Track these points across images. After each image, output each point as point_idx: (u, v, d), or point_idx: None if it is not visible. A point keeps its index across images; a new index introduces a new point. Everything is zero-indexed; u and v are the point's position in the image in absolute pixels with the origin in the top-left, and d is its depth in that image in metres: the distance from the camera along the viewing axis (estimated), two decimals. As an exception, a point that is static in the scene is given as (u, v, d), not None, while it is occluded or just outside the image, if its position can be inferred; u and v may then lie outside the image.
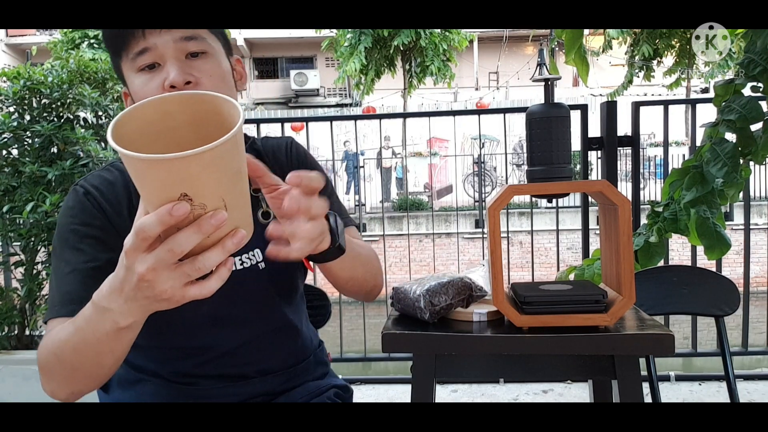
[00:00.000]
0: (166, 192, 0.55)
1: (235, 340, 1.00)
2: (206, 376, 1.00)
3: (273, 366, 1.03)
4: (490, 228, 1.12)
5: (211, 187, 0.56)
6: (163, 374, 1.00)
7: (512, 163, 12.34)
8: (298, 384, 1.06)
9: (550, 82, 1.23)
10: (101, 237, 0.91)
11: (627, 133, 2.76)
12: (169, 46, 0.88)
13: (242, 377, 1.01)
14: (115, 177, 0.97)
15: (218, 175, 0.56)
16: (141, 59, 0.88)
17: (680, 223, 1.83)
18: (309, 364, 1.09)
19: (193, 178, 0.54)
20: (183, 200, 0.55)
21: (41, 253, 2.29)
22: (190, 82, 0.88)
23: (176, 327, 0.96)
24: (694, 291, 1.56)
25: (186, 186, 0.55)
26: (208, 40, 0.91)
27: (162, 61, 0.88)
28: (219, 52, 0.94)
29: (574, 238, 8.94)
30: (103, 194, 0.94)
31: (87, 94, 2.26)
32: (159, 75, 0.88)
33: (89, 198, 0.93)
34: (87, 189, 0.94)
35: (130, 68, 0.91)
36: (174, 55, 0.88)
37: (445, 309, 1.15)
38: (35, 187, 2.16)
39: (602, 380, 1.39)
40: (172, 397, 0.99)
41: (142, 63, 0.89)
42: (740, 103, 1.68)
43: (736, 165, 1.68)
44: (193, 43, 0.89)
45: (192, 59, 0.90)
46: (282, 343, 1.05)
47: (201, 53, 0.90)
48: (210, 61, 0.91)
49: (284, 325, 1.05)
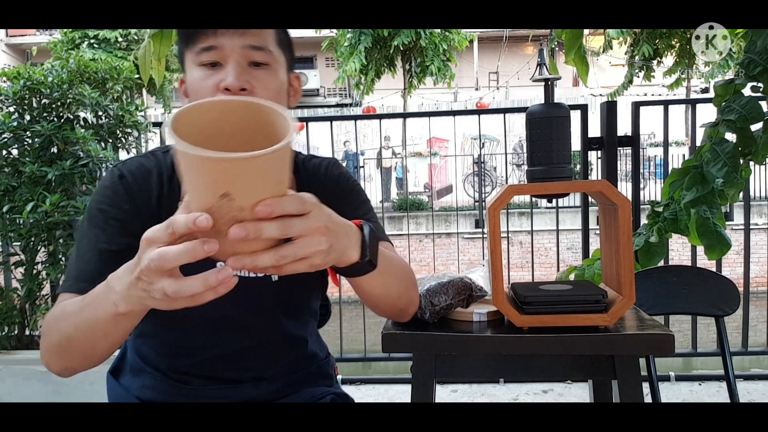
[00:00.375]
0: (210, 189, 0.57)
1: (233, 346, 1.00)
2: (201, 376, 1.00)
3: (269, 374, 1.03)
4: (490, 228, 1.12)
5: (252, 192, 0.58)
6: (162, 368, 1.01)
7: (512, 163, 12.34)
8: (293, 392, 1.05)
9: (550, 82, 1.23)
10: (125, 221, 0.92)
11: (627, 133, 2.76)
12: (235, 50, 0.89)
13: (236, 381, 1.01)
14: (152, 165, 0.98)
15: (261, 183, 0.58)
16: (205, 55, 0.90)
17: (680, 223, 1.83)
18: (309, 375, 1.08)
19: (237, 180, 0.57)
20: (223, 200, 0.57)
21: (41, 253, 2.29)
22: (245, 89, 0.89)
23: (178, 324, 0.97)
24: (694, 291, 1.56)
25: (229, 186, 0.57)
26: (273, 53, 0.93)
27: (224, 62, 0.90)
28: (281, 66, 0.95)
29: (574, 238, 8.94)
30: (137, 180, 0.95)
31: (87, 94, 2.26)
32: (217, 74, 0.90)
33: (123, 182, 0.95)
34: (122, 173, 0.95)
35: (192, 60, 0.92)
36: (237, 59, 0.89)
37: (445, 309, 1.15)
38: (35, 187, 2.17)
39: (602, 380, 1.39)
40: (168, 394, 1.00)
41: (205, 59, 0.90)
42: (740, 103, 1.68)
43: (736, 165, 1.68)
44: (258, 53, 0.91)
45: (253, 68, 0.91)
46: (281, 354, 1.04)
47: (263, 64, 0.92)
48: (269, 74, 0.92)
49: (287, 338, 1.04)
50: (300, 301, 1.06)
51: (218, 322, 0.98)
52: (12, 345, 2.27)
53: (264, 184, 0.59)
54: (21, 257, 2.29)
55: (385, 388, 2.75)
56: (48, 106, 2.27)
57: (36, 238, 2.22)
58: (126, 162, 0.99)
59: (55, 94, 2.23)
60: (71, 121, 2.27)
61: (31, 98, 2.26)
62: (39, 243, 2.25)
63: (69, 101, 2.26)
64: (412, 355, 1.15)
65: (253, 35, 0.90)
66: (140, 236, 0.61)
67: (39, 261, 2.29)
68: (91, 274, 0.87)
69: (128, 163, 0.98)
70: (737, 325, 2.77)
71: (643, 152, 9.25)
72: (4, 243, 2.38)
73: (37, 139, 2.24)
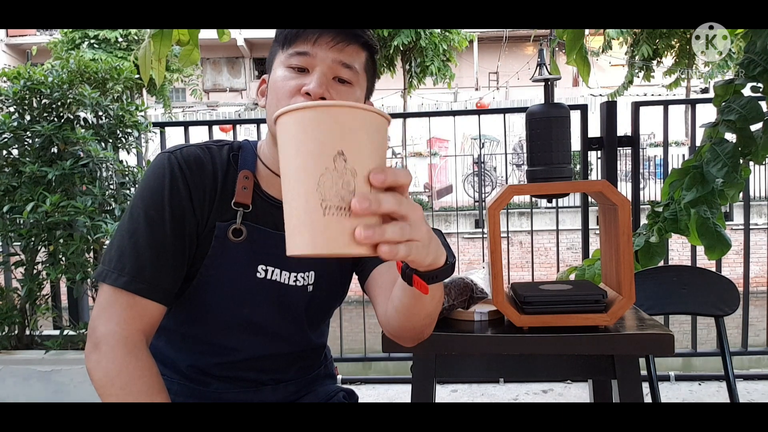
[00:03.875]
0: (327, 146, 0.56)
1: (262, 350, 1.01)
2: (221, 377, 1.00)
3: (288, 376, 1.06)
4: (490, 228, 1.12)
5: (365, 154, 0.57)
6: (180, 367, 1.01)
7: (512, 163, 12.33)
8: (308, 392, 1.09)
9: (550, 83, 1.23)
10: (183, 220, 0.91)
11: (627, 134, 2.76)
12: (326, 62, 0.90)
13: (257, 383, 1.02)
14: (206, 159, 0.96)
15: (373, 146, 0.58)
16: (296, 59, 0.90)
17: (680, 223, 1.83)
18: (319, 375, 1.12)
19: (352, 134, 0.56)
20: (338, 160, 0.56)
21: (41, 253, 2.29)
22: (324, 98, 0.89)
23: (210, 321, 0.97)
24: (694, 291, 1.56)
25: (345, 143, 0.56)
26: (359, 75, 0.94)
27: (311, 69, 0.90)
28: (360, 89, 0.95)
29: (574, 238, 8.94)
30: (193, 174, 0.93)
31: (87, 95, 2.26)
32: (302, 79, 0.90)
33: (182, 174, 0.92)
34: (180, 163, 0.93)
35: (282, 60, 0.92)
36: (324, 70, 0.90)
37: (447, 310, 1.15)
38: (35, 187, 2.16)
39: (602, 380, 1.39)
40: (185, 396, 1.00)
41: (295, 62, 0.90)
42: (740, 103, 1.68)
43: (736, 165, 1.68)
44: (345, 70, 0.91)
45: (337, 83, 0.91)
46: (301, 359, 1.07)
47: (347, 82, 0.92)
48: (350, 92, 0.93)
49: (309, 345, 1.07)
50: (326, 312, 1.08)
51: (256, 325, 0.98)
52: (12, 345, 2.27)
53: (376, 149, 0.58)
54: (21, 257, 2.29)
55: (385, 388, 2.75)
56: (48, 106, 2.27)
57: (36, 238, 2.22)
58: (182, 150, 0.95)
59: (56, 94, 2.23)
60: (71, 122, 2.27)
61: (31, 98, 2.26)
62: (39, 243, 2.25)
63: (69, 101, 2.26)
64: (412, 355, 1.15)
65: (348, 54, 0.91)
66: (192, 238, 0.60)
67: (39, 261, 2.29)
68: (149, 273, 0.87)
69: (184, 152, 0.94)
70: (737, 325, 2.77)
71: (642, 152, 9.25)
72: (4, 243, 2.38)
73: (38, 139, 2.24)
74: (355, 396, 1.17)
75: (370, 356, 3.04)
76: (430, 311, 0.87)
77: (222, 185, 0.95)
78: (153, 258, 0.88)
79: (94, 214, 2.12)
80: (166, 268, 0.89)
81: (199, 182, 0.93)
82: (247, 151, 1.00)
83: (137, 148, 2.53)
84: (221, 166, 0.96)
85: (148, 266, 0.87)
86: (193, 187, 0.92)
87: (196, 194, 0.93)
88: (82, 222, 2.11)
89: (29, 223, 2.15)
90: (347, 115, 0.56)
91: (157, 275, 0.88)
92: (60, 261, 2.23)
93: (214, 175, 0.95)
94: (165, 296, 0.89)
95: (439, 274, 0.73)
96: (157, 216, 0.90)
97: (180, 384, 1.00)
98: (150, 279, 0.87)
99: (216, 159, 0.96)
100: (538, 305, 1.10)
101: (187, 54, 1.97)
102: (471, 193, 11.49)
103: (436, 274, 0.73)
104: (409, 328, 0.91)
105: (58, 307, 2.66)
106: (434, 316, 0.91)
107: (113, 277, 0.87)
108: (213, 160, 0.96)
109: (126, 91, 2.49)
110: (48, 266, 2.23)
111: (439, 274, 0.73)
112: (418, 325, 0.91)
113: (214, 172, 0.95)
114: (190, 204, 0.92)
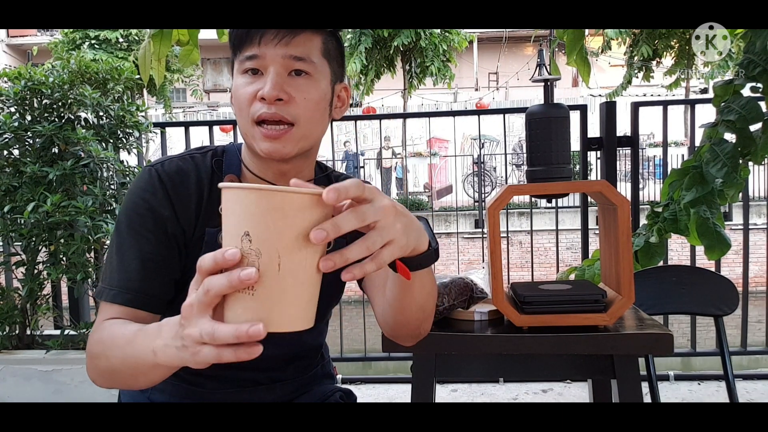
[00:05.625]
0: (235, 227, 0.58)
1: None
2: (216, 377, 1.00)
3: (284, 376, 1.06)
4: (489, 228, 1.12)
5: (270, 236, 0.57)
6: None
7: (512, 163, 12.33)
8: (304, 392, 1.09)
9: (550, 83, 1.23)
10: (167, 230, 0.91)
11: (626, 134, 2.76)
12: (276, 59, 0.89)
13: (253, 383, 1.02)
14: (189, 168, 0.96)
15: (281, 227, 0.57)
16: (248, 63, 0.90)
17: (680, 223, 1.83)
18: (316, 375, 1.12)
19: (256, 217, 0.57)
20: (244, 240, 0.57)
21: (42, 253, 2.29)
22: (281, 99, 0.88)
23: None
24: (694, 291, 1.56)
25: (250, 224, 0.57)
26: (316, 63, 0.92)
27: (265, 71, 0.90)
28: (323, 76, 0.93)
29: (573, 238, 8.93)
30: (175, 185, 0.93)
31: (88, 95, 2.27)
32: (258, 82, 0.89)
33: (162, 186, 0.93)
34: (161, 176, 0.93)
35: (238, 67, 0.92)
36: (277, 69, 0.89)
37: (447, 310, 1.15)
38: (36, 187, 2.17)
39: (602, 380, 1.39)
40: (180, 396, 1.00)
41: (247, 66, 0.90)
42: (740, 103, 1.69)
43: (736, 165, 1.68)
44: (299, 63, 0.90)
45: (293, 77, 0.90)
46: (298, 359, 1.07)
47: (304, 73, 0.91)
48: (310, 83, 0.91)
49: (306, 346, 1.08)
50: (323, 311, 1.08)
51: None
52: (13, 345, 2.28)
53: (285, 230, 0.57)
54: (22, 257, 2.30)
55: (385, 387, 2.75)
56: (49, 106, 2.27)
57: (37, 238, 2.22)
58: (163, 163, 0.95)
59: (56, 94, 2.23)
60: (72, 122, 2.28)
61: (32, 99, 2.27)
62: (40, 243, 2.25)
63: (70, 102, 2.26)
64: (412, 354, 1.15)
65: (296, 45, 0.89)
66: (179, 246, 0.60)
67: (40, 261, 2.29)
68: (136, 284, 0.87)
69: (166, 165, 0.95)
70: (736, 324, 2.77)
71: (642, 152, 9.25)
72: (5, 243, 2.38)
73: (38, 140, 2.24)
74: (353, 396, 1.16)
75: (370, 356, 3.04)
76: (422, 303, 0.87)
77: (208, 192, 0.95)
78: (140, 268, 0.89)
79: (94, 214, 2.13)
80: (154, 277, 0.89)
81: (183, 192, 0.93)
82: (231, 154, 1.00)
83: (138, 148, 2.54)
84: (206, 174, 0.96)
85: (135, 277, 0.88)
86: (176, 198, 0.93)
87: (179, 204, 0.93)
88: (83, 222, 2.11)
89: (30, 223, 2.15)
90: (249, 197, 0.57)
91: (144, 285, 0.88)
92: (61, 261, 2.24)
93: (199, 184, 0.95)
94: (156, 304, 0.90)
95: (423, 260, 0.75)
96: (141, 227, 0.90)
97: (174, 385, 1.00)
98: (138, 289, 0.88)
99: (200, 167, 0.96)
100: (538, 305, 1.10)
101: (187, 54, 1.97)
102: (471, 193, 11.49)
103: (420, 261, 0.74)
104: (404, 322, 0.91)
105: (59, 307, 2.66)
106: (428, 311, 0.91)
107: (105, 294, 0.88)
108: (197, 168, 0.96)
109: (127, 92, 2.49)
110: (49, 266, 2.24)
111: (423, 260, 0.75)
112: (412, 319, 0.90)
113: (199, 180, 0.95)
114: (173, 214, 0.92)
